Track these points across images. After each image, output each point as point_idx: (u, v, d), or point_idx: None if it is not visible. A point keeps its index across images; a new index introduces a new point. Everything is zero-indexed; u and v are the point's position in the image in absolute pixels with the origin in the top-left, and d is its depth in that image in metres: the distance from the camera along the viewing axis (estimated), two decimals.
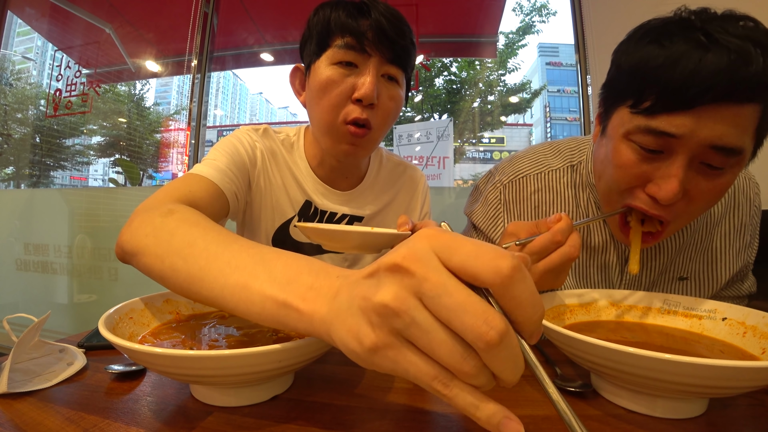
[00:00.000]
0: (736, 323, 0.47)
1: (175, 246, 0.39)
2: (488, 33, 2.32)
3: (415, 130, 2.53)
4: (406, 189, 0.82)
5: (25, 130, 3.07)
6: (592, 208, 0.64)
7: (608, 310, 0.56)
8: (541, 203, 0.67)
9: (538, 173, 0.68)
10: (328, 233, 0.53)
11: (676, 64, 0.42)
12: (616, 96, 0.51)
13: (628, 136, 0.48)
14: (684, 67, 0.42)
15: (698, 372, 0.32)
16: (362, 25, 0.61)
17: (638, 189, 0.50)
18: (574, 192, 0.65)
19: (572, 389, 0.43)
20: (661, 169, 0.47)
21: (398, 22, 0.62)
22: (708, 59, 0.41)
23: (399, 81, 0.66)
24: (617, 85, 0.51)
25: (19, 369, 0.45)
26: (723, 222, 0.63)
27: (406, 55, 0.64)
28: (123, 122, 4.08)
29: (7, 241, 2.13)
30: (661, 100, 0.44)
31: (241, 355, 0.33)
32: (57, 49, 2.49)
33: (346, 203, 0.76)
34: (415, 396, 0.43)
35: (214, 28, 2.10)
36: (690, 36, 0.43)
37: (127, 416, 0.38)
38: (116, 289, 1.91)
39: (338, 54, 0.62)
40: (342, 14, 0.62)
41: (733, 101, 0.42)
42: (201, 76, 2.00)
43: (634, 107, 0.47)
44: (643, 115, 0.46)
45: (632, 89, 0.47)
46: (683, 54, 0.42)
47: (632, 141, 0.48)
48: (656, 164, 0.47)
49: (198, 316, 0.54)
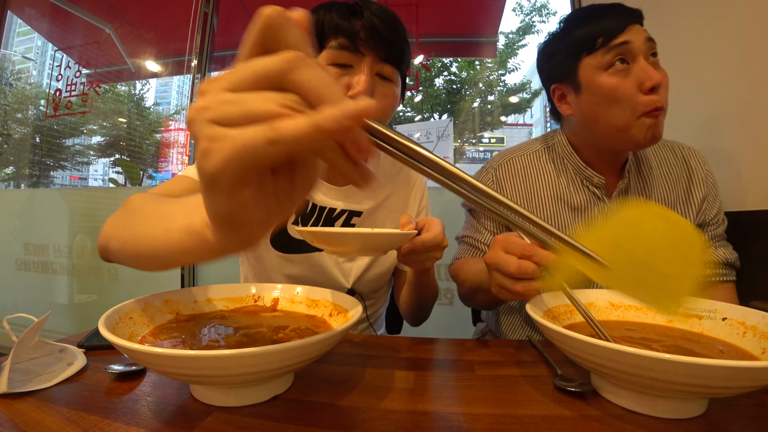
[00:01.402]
0: (736, 323, 0.47)
1: (126, 223, 0.41)
2: (488, 33, 2.32)
3: (415, 130, 2.53)
4: (404, 184, 0.84)
5: (25, 130, 3.07)
6: (571, 174, 0.78)
7: (608, 310, 0.56)
8: (528, 178, 0.80)
9: (522, 155, 0.82)
10: (328, 236, 0.53)
11: (600, 21, 0.67)
12: (573, 60, 0.70)
13: (603, 67, 0.67)
14: (604, 21, 0.67)
15: (698, 372, 0.32)
16: (355, 25, 0.62)
17: (637, 97, 0.65)
18: (554, 166, 0.80)
19: (572, 389, 0.43)
20: (636, 68, 0.65)
21: (391, 21, 0.64)
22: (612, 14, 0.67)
23: (393, 79, 0.67)
24: (569, 57, 0.71)
25: (19, 369, 0.45)
26: (683, 180, 0.78)
27: (399, 54, 0.66)
28: (123, 122, 4.07)
29: (7, 241, 2.13)
30: (605, 36, 0.66)
31: (241, 355, 0.33)
32: (57, 49, 2.49)
33: (344, 198, 0.77)
34: (415, 396, 0.43)
35: (214, 28, 2.10)
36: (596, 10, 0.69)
37: (127, 416, 0.38)
38: (116, 289, 1.91)
39: (333, 55, 0.63)
40: (335, 16, 0.63)
41: (637, 23, 0.67)
42: (201, 76, 2.00)
43: (591, 51, 0.68)
44: (601, 49, 0.67)
45: (582, 48, 0.68)
46: (599, 17, 0.68)
47: (610, 67, 0.66)
48: (631, 72, 0.65)
49: (198, 316, 0.54)
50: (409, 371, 0.50)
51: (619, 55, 0.66)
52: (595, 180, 0.75)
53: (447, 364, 0.54)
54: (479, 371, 0.50)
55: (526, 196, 0.79)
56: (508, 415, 0.39)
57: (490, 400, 0.43)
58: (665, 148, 0.80)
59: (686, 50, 1.08)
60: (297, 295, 0.60)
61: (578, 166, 0.77)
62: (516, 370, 0.51)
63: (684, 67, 1.08)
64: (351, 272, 0.78)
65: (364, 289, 0.80)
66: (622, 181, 0.75)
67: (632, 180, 0.76)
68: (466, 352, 0.57)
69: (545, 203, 0.78)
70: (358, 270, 0.78)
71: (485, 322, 0.95)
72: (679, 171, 0.78)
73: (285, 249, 0.76)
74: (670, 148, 0.80)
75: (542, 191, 0.78)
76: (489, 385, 0.46)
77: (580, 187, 0.77)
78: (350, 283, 0.77)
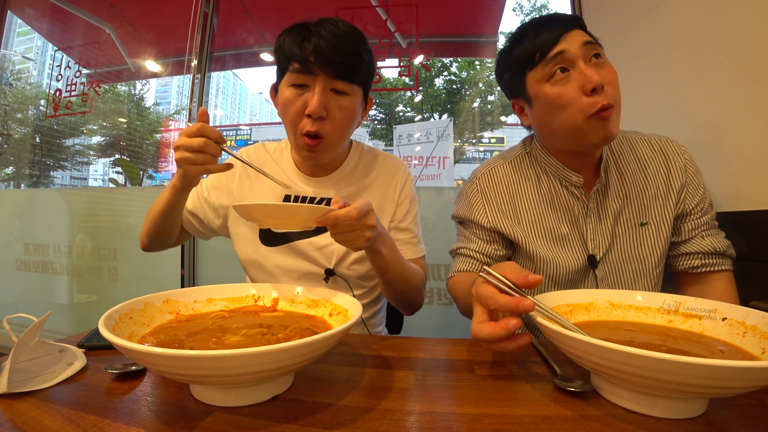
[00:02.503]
0: (736, 323, 0.47)
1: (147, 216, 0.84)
2: (488, 33, 2.32)
3: (415, 130, 2.53)
4: (383, 176, 0.89)
5: (25, 130, 3.07)
6: (550, 176, 0.80)
7: (608, 310, 0.56)
8: (511, 184, 0.82)
9: (503, 163, 0.84)
10: (255, 208, 0.57)
11: (533, 37, 0.71)
12: (519, 76, 0.74)
13: (545, 79, 0.70)
14: (537, 37, 0.70)
15: (698, 372, 0.32)
16: (305, 50, 0.70)
17: (581, 99, 0.67)
18: (534, 171, 0.82)
19: (572, 389, 0.43)
20: (576, 73, 0.68)
21: (340, 41, 0.70)
22: (545, 28, 0.70)
23: (349, 92, 0.75)
24: (515, 74, 0.75)
25: (19, 369, 0.45)
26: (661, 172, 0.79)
27: (350, 70, 0.73)
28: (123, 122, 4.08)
29: (7, 241, 2.13)
30: (541, 50, 0.69)
31: (241, 355, 0.33)
32: (57, 49, 2.49)
33: (321, 188, 0.86)
34: (415, 396, 0.43)
35: (214, 28, 2.10)
36: (530, 27, 0.72)
37: (127, 416, 0.38)
38: (116, 289, 1.91)
39: (291, 78, 0.73)
40: (288, 42, 0.72)
41: (572, 29, 0.69)
42: (201, 76, 2.00)
43: (532, 66, 0.71)
44: (540, 63, 0.70)
45: (525, 65, 0.72)
46: (533, 35, 0.71)
47: (551, 78, 0.69)
48: (571, 78, 0.68)
49: (198, 316, 0.54)
50: (409, 371, 0.50)
51: (557, 65, 0.68)
52: (573, 179, 0.77)
53: (447, 364, 0.54)
54: (479, 371, 0.50)
55: (510, 202, 0.80)
56: (508, 415, 0.39)
57: (490, 400, 0.43)
58: (642, 143, 0.81)
59: (686, 51, 1.08)
60: (297, 295, 0.60)
61: (556, 167, 0.78)
62: (516, 370, 0.51)
63: (684, 67, 1.08)
64: (333, 256, 0.84)
65: (349, 273, 0.85)
66: (599, 180, 0.76)
67: (610, 177, 0.78)
68: (466, 352, 0.57)
69: (529, 206, 0.80)
70: (339, 253, 0.84)
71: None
72: (656, 164, 0.79)
73: (272, 243, 0.85)
74: (647, 141, 0.81)
75: (525, 195, 0.80)
76: (489, 385, 0.46)
77: (560, 187, 0.79)
78: (332, 265, 0.84)
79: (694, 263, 0.76)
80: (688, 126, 1.05)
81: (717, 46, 0.97)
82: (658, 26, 1.18)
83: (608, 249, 0.76)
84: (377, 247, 0.69)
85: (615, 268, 0.77)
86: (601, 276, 0.77)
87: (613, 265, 0.77)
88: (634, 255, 0.76)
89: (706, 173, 0.80)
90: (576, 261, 0.76)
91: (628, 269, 0.77)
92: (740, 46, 0.91)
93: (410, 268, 0.79)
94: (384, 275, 0.75)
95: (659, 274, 0.78)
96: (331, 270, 0.83)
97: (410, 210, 0.89)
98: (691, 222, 0.77)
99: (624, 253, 0.76)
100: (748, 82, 0.88)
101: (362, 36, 0.75)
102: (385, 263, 0.72)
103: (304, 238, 0.84)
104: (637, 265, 0.76)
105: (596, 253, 0.76)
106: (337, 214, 0.57)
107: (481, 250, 0.80)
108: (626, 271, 0.77)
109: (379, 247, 0.69)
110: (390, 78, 2.29)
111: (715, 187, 0.94)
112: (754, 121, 0.87)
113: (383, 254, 0.71)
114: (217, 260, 1.81)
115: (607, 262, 0.77)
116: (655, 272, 0.77)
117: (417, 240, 0.89)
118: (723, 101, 0.95)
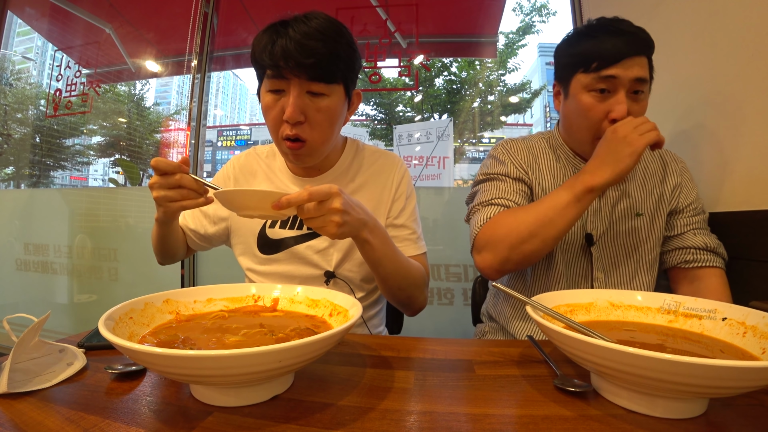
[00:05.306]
0: (736, 323, 0.47)
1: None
2: (488, 33, 2.32)
3: (415, 130, 2.53)
4: (379, 173, 0.88)
5: (25, 130, 3.07)
6: (564, 162, 0.87)
7: (608, 310, 0.56)
8: (532, 154, 0.88)
9: (522, 140, 0.91)
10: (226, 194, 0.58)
11: (603, 43, 0.74)
12: (571, 70, 0.78)
13: (587, 88, 0.76)
14: (606, 44, 0.74)
15: (698, 372, 0.32)
16: (274, 56, 0.67)
17: (603, 123, 0.75)
18: (552, 151, 0.89)
19: (572, 389, 0.43)
20: (611, 100, 0.74)
21: (310, 41, 0.67)
22: (618, 40, 0.74)
23: (327, 92, 0.72)
24: (569, 66, 0.79)
25: (19, 369, 0.45)
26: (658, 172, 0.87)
27: (325, 71, 0.69)
28: (123, 122, 4.08)
29: (7, 241, 2.13)
30: (599, 63, 0.74)
31: (241, 355, 0.33)
32: (57, 49, 2.49)
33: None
34: (415, 396, 0.43)
35: (214, 28, 2.10)
36: (608, 29, 0.75)
37: (127, 416, 0.38)
38: (116, 289, 1.91)
39: (268, 83, 0.72)
40: (260, 48, 0.70)
41: (638, 55, 0.73)
42: (201, 76, 2.00)
43: (585, 69, 0.76)
44: (592, 73, 0.75)
45: (582, 62, 0.76)
46: (604, 39, 0.75)
47: (590, 90, 0.76)
48: (607, 100, 0.75)
49: (198, 316, 0.54)
50: (409, 371, 0.50)
51: (604, 84, 0.74)
52: (582, 167, 0.79)
53: (447, 364, 0.54)
54: (479, 371, 0.50)
55: (532, 165, 0.86)
56: (508, 415, 0.39)
57: (490, 400, 0.43)
58: None
59: (686, 51, 1.08)
60: (297, 295, 0.60)
61: (569, 155, 0.86)
62: (516, 370, 0.51)
63: (684, 67, 1.08)
64: (332, 258, 0.83)
65: (350, 276, 0.84)
66: None
67: None
68: (466, 352, 0.57)
69: (546, 174, 0.86)
70: (339, 255, 0.83)
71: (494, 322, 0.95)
72: (654, 165, 0.88)
73: (271, 251, 0.85)
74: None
75: (543, 169, 0.87)
76: (489, 385, 0.46)
77: (571, 173, 0.86)
78: (332, 267, 0.84)
79: (686, 257, 0.82)
80: (687, 126, 1.05)
81: (717, 47, 0.98)
82: (658, 27, 1.18)
83: (605, 232, 0.83)
84: (364, 236, 0.67)
85: (610, 250, 0.84)
86: (597, 256, 0.83)
87: (608, 248, 0.84)
88: (629, 241, 0.83)
89: (706, 173, 0.81)
90: (574, 235, 0.83)
91: (622, 253, 0.84)
92: (740, 46, 0.91)
93: (408, 263, 0.78)
94: (377, 269, 0.73)
95: (654, 260, 0.85)
96: (331, 272, 0.83)
97: (407, 206, 0.87)
98: (684, 218, 0.85)
99: (619, 237, 0.83)
100: (748, 82, 0.88)
101: (338, 30, 0.71)
102: (375, 255, 0.70)
103: (301, 243, 0.83)
104: (632, 251, 0.83)
105: (593, 234, 0.82)
106: (289, 198, 0.56)
107: (513, 198, 0.82)
108: (620, 255, 0.84)
109: (366, 235, 0.67)
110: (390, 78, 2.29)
111: (714, 187, 0.94)
112: (754, 121, 0.87)
113: (372, 245, 0.69)
114: (217, 260, 1.81)
115: (603, 244, 0.83)
116: (650, 257, 0.84)
117: (416, 236, 0.87)
118: (723, 101, 0.95)
